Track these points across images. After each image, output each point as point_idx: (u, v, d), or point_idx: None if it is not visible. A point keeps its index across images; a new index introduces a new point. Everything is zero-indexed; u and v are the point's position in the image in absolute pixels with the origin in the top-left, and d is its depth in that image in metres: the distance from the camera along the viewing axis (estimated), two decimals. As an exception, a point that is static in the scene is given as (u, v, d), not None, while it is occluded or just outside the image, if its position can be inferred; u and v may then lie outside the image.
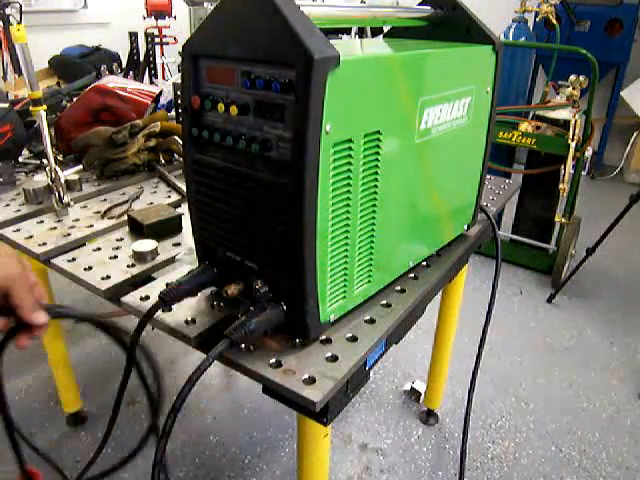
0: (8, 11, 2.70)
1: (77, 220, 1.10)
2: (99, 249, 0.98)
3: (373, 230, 0.75)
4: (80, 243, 1.02)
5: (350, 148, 0.65)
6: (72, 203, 1.14)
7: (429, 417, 1.75)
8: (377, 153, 0.70)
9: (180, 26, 3.87)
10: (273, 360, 0.68)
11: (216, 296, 0.81)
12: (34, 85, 1.11)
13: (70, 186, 1.21)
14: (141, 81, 2.68)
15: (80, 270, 0.90)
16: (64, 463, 1.53)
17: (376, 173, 0.71)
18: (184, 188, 1.13)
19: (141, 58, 3.17)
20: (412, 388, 1.84)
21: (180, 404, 0.60)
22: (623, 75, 3.86)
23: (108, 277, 0.88)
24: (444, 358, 1.63)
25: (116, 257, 0.95)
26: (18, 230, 1.05)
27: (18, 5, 2.70)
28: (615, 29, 3.71)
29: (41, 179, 1.26)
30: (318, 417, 0.70)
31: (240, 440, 1.67)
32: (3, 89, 2.06)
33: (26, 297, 0.59)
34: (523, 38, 3.19)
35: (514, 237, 2.68)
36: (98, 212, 1.14)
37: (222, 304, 0.79)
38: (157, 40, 3.74)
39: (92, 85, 1.50)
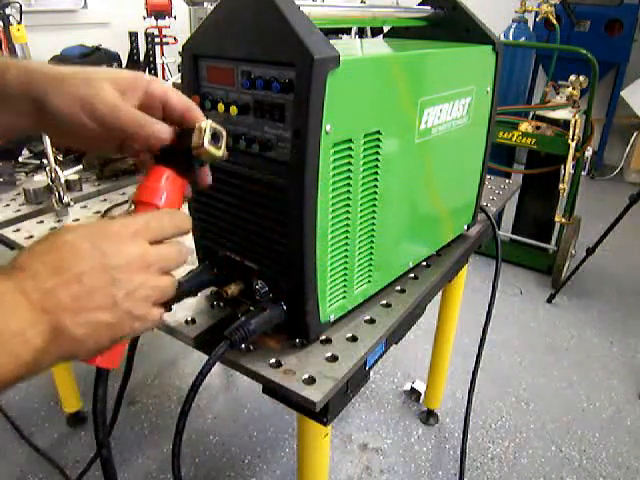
0: (8, 11, 2.70)
1: (77, 220, 1.10)
2: (99, 249, 0.98)
3: (373, 230, 0.75)
4: (80, 243, 1.02)
5: (350, 148, 0.65)
6: (72, 203, 1.14)
7: (429, 417, 1.75)
8: (377, 153, 0.70)
9: (180, 26, 3.86)
10: (273, 360, 0.68)
11: (216, 296, 0.81)
12: (34, 85, 1.10)
13: (70, 186, 1.21)
14: (141, 81, 2.67)
15: (80, 270, 0.90)
16: (64, 463, 1.53)
17: (376, 173, 0.71)
18: (184, 188, 1.13)
19: (141, 58, 3.16)
20: (412, 388, 1.84)
21: (188, 408, 0.61)
22: (623, 75, 3.85)
23: (108, 277, 0.88)
24: (444, 358, 1.63)
25: (116, 257, 0.95)
26: (18, 230, 1.05)
27: (18, 5, 2.69)
28: (615, 29, 3.71)
29: (41, 179, 1.26)
30: (318, 417, 0.69)
31: (240, 440, 1.67)
32: (3, 89, 2.06)
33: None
34: (523, 38, 3.19)
35: (514, 237, 2.68)
36: (98, 212, 1.14)
37: (222, 304, 0.79)
38: (157, 40, 3.74)
39: (92, 85, 1.50)
